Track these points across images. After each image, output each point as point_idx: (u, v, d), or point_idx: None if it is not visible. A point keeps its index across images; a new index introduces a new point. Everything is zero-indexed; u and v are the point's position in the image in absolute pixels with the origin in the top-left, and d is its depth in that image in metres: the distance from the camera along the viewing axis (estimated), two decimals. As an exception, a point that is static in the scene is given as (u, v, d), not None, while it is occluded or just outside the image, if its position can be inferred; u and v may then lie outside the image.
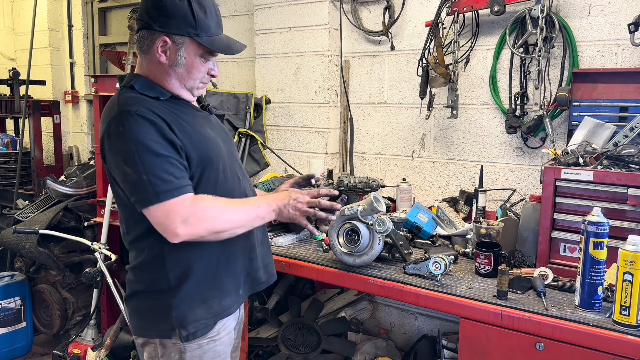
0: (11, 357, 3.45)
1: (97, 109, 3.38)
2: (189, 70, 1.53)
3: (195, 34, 1.48)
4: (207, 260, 1.54)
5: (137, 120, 1.41)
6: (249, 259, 1.65)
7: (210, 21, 1.50)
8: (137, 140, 1.39)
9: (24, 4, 4.76)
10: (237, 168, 1.66)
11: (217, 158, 1.55)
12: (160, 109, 1.47)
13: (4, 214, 3.88)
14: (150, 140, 1.40)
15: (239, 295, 1.63)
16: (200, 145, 1.51)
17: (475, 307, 1.68)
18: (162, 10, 1.47)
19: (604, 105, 2.20)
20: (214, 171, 1.53)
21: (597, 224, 1.57)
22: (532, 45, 2.35)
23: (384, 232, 1.85)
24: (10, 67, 4.20)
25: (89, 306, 3.45)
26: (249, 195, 1.68)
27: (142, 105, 1.45)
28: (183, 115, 1.53)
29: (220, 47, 1.52)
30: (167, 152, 1.42)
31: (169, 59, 1.51)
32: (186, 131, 1.48)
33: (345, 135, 3.08)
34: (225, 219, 1.49)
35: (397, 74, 2.87)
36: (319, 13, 2.97)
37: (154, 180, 1.38)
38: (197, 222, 1.42)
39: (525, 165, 2.53)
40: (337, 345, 2.58)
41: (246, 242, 1.63)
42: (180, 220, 1.39)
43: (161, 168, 1.40)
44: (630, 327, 1.48)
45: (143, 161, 1.39)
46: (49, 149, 4.48)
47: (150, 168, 1.39)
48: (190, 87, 1.57)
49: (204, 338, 1.55)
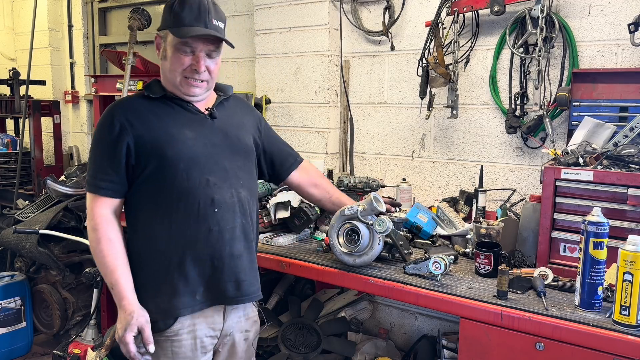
0: (11, 357, 3.45)
1: (97, 109, 3.38)
2: (170, 62, 1.64)
3: (170, 26, 1.61)
4: (159, 254, 1.61)
5: (106, 119, 1.63)
6: (211, 266, 1.63)
7: (185, 13, 1.59)
8: (95, 136, 1.65)
9: (24, 4, 4.76)
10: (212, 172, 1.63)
11: (177, 156, 1.60)
12: (137, 110, 1.64)
13: (4, 214, 3.88)
14: (102, 140, 1.63)
15: (196, 300, 1.62)
16: (160, 142, 1.60)
17: (475, 307, 1.68)
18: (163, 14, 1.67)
19: (604, 105, 2.20)
20: (171, 170, 1.60)
21: (597, 224, 1.57)
22: (532, 45, 2.35)
23: (384, 232, 1.85)
24: (11, 67, 4.19)
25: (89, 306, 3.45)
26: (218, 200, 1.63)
27: (122, 106, 1.66)
28: (161, 113, 1.65)
29: (181, 33, 1.57)
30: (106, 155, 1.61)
31: (160, 53, 1.68)
32: (152, 130, 1.62)
33: (345, 135, 3.08)
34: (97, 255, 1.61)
35: (397, 74, 2.87)
36: (319, 13, 2.97)
37: (92, 172, 1.63)
38: (90, 228, 1.61)
39: (525, 165, 2.53)
40: (337, 345, 2.58)
41: (207, 249, 1.62)
42: (88, 216, 1.63)
43: (96, 165, 1.63)
44: (630, 327, 1.48)
45: (91, 153, 1.66)
46: (49, 149, 4.47)
47: (93, 160, 1.64)
48: (173, 80, 1.64)
49: (161, 335, 1.61)
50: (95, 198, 1.61)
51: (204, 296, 1.63)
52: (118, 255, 1.59)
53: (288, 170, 1.97)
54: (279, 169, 1.96)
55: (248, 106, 1.95)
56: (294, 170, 1.98)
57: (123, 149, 1.59)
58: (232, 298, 1.66)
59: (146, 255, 1.63)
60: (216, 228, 1.62)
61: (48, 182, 3.50)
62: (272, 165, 1.94)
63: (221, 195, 1.63)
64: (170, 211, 1.60)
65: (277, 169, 1.96)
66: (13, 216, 3.63)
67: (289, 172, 1.97)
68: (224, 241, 1.63)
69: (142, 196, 1.63)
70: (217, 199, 1.62)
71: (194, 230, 1.61)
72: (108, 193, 1.61)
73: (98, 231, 1.59)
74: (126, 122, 1.60)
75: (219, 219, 1.62)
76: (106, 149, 1.61)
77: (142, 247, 1.64)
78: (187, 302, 1.61)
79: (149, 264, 1.62)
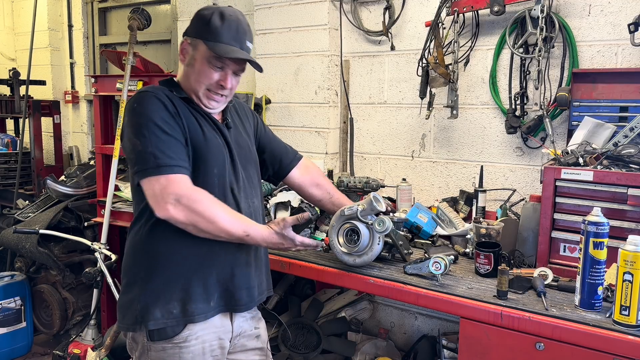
0: (11, 357, 3.45)
1: (97, 109, 3.38)
2: (198, 73, 1.60)
3: (205, 38, 1.57)
4: (181, 259, 1.56)
5: (152, 99, 1.53)
6: (230, 273, 1.62)
7: (224, 30, 1.57)
8: (148, 116, 1.50)
9: (24, 4, 4.76)
10: (235, 182, 1.64)
11: (213, 161, 1.59)
12: (175, 99, 1.58)
13: (4, 214, 3.88)
14: (160, 118, 1.50)
15: (210, 307, 1.59)
16: (201, 143, 1.57)
17: (475, 307, 1.68)
18: (193, 21, 1.64)
19: (604, 105, 2.20)
20: (207, 172, 1.57)
21: (597, 224, 1.57)
22: (532, 45, 2.35)
23: (383, 232, 1.85)
24: (11, 67, 4.19)
25: (89, 306, 3.45)
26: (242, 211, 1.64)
27: (160, 91, 1.57)
28: (193, 112, 1.62)
29: (220, 51, 1.55)
30: (174, 133, 1.51)
31: (185, 59, 1.63)
32: (193, 126, 1.57)
33: (345, 135, 3.08)
34: (211, 223, 1.50)
35: (397, 74, 2.87)
36: (319, 13, 2.97)
37: (158, 154, 1.47)
38: (186, 206, 1.47)
39: (525, 165, 2.53)
40: (337, 345, 2.58)
41: (229, 254, 1.61)
42: (174, 197, 1.46)
43: (166, 144, 1.49)
44: (630, 327, 1.48)
45: (151, 135, 1.48)
46: (49, 149, 4.47)
47: (156, 142, 1.48)
48: (196, 90, 1.62)
49: (169, 342, 1.56)
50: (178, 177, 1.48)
51: (217, 303, 1.61)
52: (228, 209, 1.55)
53: (288, 168, 1.97)
54: (279, 167, 1.96)
55: (246, 107, 1.94)
56: (295, 169, 1.98)
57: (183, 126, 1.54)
58: (242, 305, 1.66)
59: (165, 257, 1.57)
60: None
61: (48, 182, 3.50)
62: (271, 164, 1.94)
63: (241, 206, 1.65)
64: None
65: (277, 168, 1.96)
66: (13, 216, 3.63)
67: (289, 170, 1.97)
68: (243, 249, 1.64)
69: None
70: (242, 209, 1.64)
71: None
72: (188, 172, 1.52)
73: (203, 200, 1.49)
74: (171, 104, 1.55)
75: None
76: (171, 127, 1.51)
77: (162, 249, 1.57)
78: (202, 308, 1.57)
79: (167, 267, 1.56)
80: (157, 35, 4.10)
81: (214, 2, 3.52)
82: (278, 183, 2.18)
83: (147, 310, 1.53)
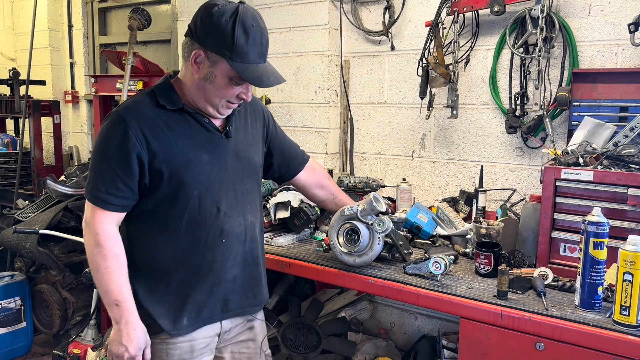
0: (11, 357, 3.45)
1: (97, 109, 3.38)
2: (217, 89, 1.51)
3: (229, 57, 1.45)
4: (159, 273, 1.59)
5: (117, 128, 1.49)
6: (209, 292, 1.62)
7: (250, 49, 1.46)
8: (103, 143, 1.52)
9: (24, 4, 4.76)
10: (223, 200, 1.59)
11: (193, 184, 1.54)
12: (151, 122, 1.51)
13: (4, 214, 3.88)
14: (113, 149, 1.49)
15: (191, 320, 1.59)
16: (178, 166, 1.52)
17: (475, 307, 1.68)
18: (206, 25, 1.46)
19: (604, 105, 2.19)
20: (185, 195, 1.54)
21: (597, 224, 1.57)
22: (532, 45, 2.35)
23: (383, 232, 1.85)
24: (10, 67, 4.19)
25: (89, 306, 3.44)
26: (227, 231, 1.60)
27: (136, 114, 1.50)
28: (178, 130, 1.54)
29: (250, 77, 1.48)
30: (119, 169, 1.49)
31: (201, 72, 1.50)
32: (168, 149, 1.51)
33: (345, 135, 3.08)
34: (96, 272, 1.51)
35: (397, 74, 2.87)
36: (319, 13, 2.97)
37: (94, 181, 1.52)
38: (94, 241, 1.51)
39: (525, 165, 2.53)
40: (337, 345, 2.58)
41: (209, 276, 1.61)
42: (91, 227, 1.52)
43: (105, 176, 1.50)
44: (630, 327, 1.48)
45: (97, 161, 1.52)
46: (49, 149, 4.47)
47: (98, 170, 1.52)
48: (215, 104, 1.55)
49: (156, 337, 1.58)
50: (99, 212, 1.51)
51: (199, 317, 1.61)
52: (123, 272, 1.52)
53: (295, 171, 1.95)
54: (286, 170, 1.94)
55: (259, 105, 1.85)
56: (301, 172, 1.96)
57: (136, 164, 1.48)
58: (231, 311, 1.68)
59: (145, 270, 1.59)
60: (221, 258, 1.61)
61: (48, 182, 3.50)
62: (279, 167, 1.91)
63: (230, 226, 1.61)
64: (177, 237, 1.57)
65: (285, 171, 1.94)
66: (13, 216, 3.63)
67: (295, 173, 1.95)
68: (225, 269, 1.63)
69: (149, 217, 1.57)
70: (226, 229, 1.60)
71: (198, 259, 1.59)
72: (116, 209, 1.52)
73: (104, 247, 1.50)
74: (141, 135, 1.48)
75: (224, 249, 1.61)
76: (118, 161, 1.48)
77: (142, 262, 1.59)
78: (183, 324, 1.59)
79: (147, 278, 1.59)
80: (157, 35, 4.10)
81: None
82: (282, 183, 2.17)
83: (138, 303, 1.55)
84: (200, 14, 1.48)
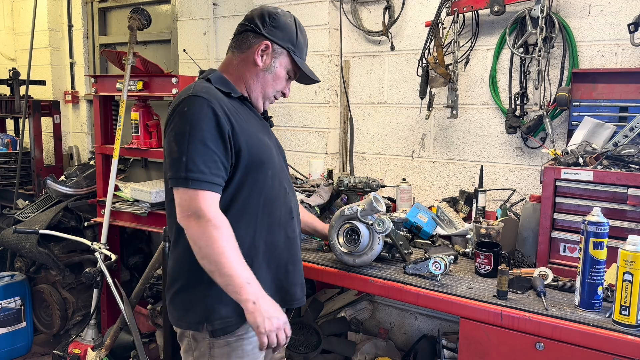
0: (11, 357, 3.45)
1: (97, 109, 3.38)
2: (274, 80, 1.68)
3: (292, 51, 1.66)
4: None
5: (202, 107, 1.48)
6: (285, 270, 1.66)
7: (304, 48, 1.72)
8: (193, 125, 1.46)
9: (24, 4, 4.76)
10: (284, 181, 1.70)
11: (269, 164, 1.61)
12: (227, 104, 1.54)
13: (4, 214, 3.88)
14: (205, 129, 1.46)
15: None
16: (256, 146, 1.57)
17: (475, 307, 1.68)
18: (274, 21, 1.64)
19: (604, 105, 2.20)
20: (263, 175, 1.59)
21: (597, 224, 1.57)
22: (532, 45, 2.35)
23: (383, 232, 1.85)
24: (10, 67, 4.19)
25: (89, 306, 3.45)
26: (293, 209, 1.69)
27: (213, 96, 1.52)
28: (246, 115, 1.62)
29: (307, 69, 1.70)
30: (215, 148, 1.47)
31: (264, 63, 1.64)
32: (245, 130, 1.55)
33: (345, 135, 3.08)
34: (220, 256, 1.43)
35: (397, 74, 2.87)
36: (319, 13, 2.97)
37: (191, 166, 1.44)
38: (205, 227, 1.42)
39: (525, 165, 2.53)
40: (337, 345, 2.58)
41: (284, 254, 1.65)
42: (197, 213, 1.43)
43: (203, 158, 1.45)
44: (630, 327, 1.48)
45: (190, 145, 1.45)
46: (49, 149, 4.47)
47: (193, 154, 1.44)
48: (267, 96, 1.70)
49: (232, 335, 1.58)
50: (207, 195, 1.44)
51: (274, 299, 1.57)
52: (240, 252, 1.48)
53: None
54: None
55: None
56: None
57: (228, 143, 1.49)
58: (296, 301, 1.72)
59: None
60: (292, 235, 1.68)
61: (48, 182, 3.50)
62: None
63: (294, 204, 1.72)
64: (256, 218, 1.59)
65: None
66: (13, 216, 3.63)
67: None
68: (296, 247, 1.70)
69: (230, 199, 1.55)
70: (293, 208, 1.70)
71: (275, 237, 1.63)
72: (220, 189, 1.49)
73: (223, 229, 1.44)
74: (224, 115, 1.50)
75: (295, 226, 1.70)
76: (213, 141, 1.46)
77: None
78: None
79: None
80: (157, 35, 4.09)
81: (214, 2, 3.52)
82: None
83: (214, 309, 1.54)
84: (264, 14, 1.64)
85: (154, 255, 2.74)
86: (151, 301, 2.82)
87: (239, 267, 1.45)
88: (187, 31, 3.70)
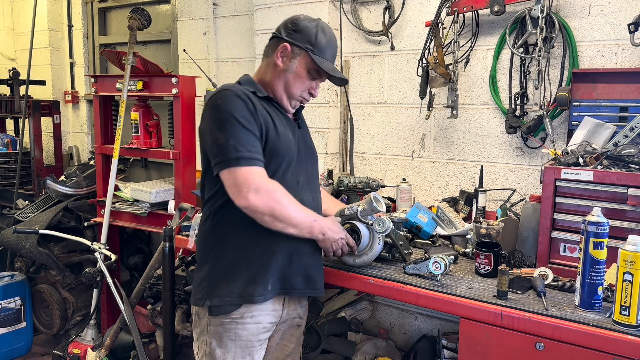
0: (11, 357, 3.45)
1: (97, 109, 3.38)
2: (295, 79, 1.75)
3: (311, 50, 1.73)
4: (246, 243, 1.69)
5: (233, 98, 1.65)
6: (289, 260, 1.73)
7: (327, 48, 1.76)
8: (231, 113, 1.62)
9: (24, 4, 4.76)
10: (300, 176, 1.78)
11: (285, 155, 1.71)
12: (254, 99, 1.69)
13: (4, 214, 3.88)
14: (241, 115, 1.62)
15: (268, 290, 1.69)
16: (273, 136, 1.69)
17: (475, 307, 1.68)
18: (293, 25, 1.77)
19: (604, 105, 2.20)
20: (275, 165, 1.69)
21: (597, 224, 1.57)
22: (532, 45, 2.36)
23: (383, 232, 1.85)
24: (10, 67, 4.19)
25: (89, 306, 3.45)
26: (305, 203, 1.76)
27: (240, 90, 1.68)
28: (270, 111, 1.73)
29: (327, 67, 1.75)
30: (252, 129, 1.63)
31: (284, 63, 1.75)
32: (267, 122, 1.68)
33: (345, 135, 3.08)
34: (286, 211, 1.63)
35: (397, 74, 2.87)
36: (319, 13, 2.96)
37: (239, 147, 1.59)
38: (265, 196, 1.59)
39: (525, 165, 2.53)
40: (337, 345, 2.58)
41: (289, 244, 1.71)
42: (254, 187, 1.58)
43: (245, 139, 1.61)
44: (630, 327, 1.48)
45: (232, 130, 1.61)
46: (49, 149, 4.47)
47: (237, 137, 1.60)
48: (292, 95, 1.78)
49: (227, 317, 1.69)
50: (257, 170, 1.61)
51: (274, 286, 1.71)
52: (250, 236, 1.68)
53: None
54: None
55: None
56: None
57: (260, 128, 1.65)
58: (297, 290, 1.77)
59: (232, 242, 1.70)
60: None
61: (48, 182, 3.50)
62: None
63: (306, 197, 1.78)
64: None
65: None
66: (13, 216, 3.63)
67: None
68: (301, 239, 1.73)
69: None
70: (304, 199, 1.75)
71: None
72: (263, 164, 1.64)
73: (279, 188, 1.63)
74: (252, 105, 1.65)
75: None
76: (249, 125, 1.62)
77: (229, 233, 1.70)
78: (261, 290, 1.68)
79: (233, 250, 1.69)
80: (157, 35, 4.09)
81: (214, 3, 3.52)
82: None
83: (214, 287, 1.68)
84: (288, 21, 1.79)
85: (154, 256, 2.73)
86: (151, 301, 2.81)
87: (302, 214, 1.67)
88: (187, 31, 3.70)
